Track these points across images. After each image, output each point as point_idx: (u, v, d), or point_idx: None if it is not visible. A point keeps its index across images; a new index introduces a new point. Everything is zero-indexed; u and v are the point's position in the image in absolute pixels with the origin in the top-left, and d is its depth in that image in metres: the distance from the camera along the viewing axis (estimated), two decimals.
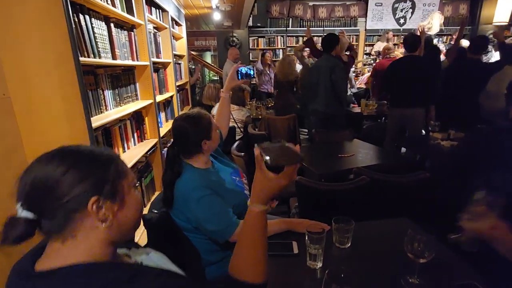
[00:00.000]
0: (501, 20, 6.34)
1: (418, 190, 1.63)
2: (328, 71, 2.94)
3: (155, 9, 2.68)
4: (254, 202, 0.68)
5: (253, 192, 0.68)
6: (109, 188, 0.57)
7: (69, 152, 0.58)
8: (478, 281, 0.93)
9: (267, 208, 0.69)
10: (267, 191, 0.67)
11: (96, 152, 0.60)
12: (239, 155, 2.09)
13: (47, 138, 1.29)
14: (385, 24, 6.92)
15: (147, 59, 2.23)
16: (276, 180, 0.65)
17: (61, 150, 0.58)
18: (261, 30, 6.77)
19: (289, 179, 0.65)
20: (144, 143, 2.20)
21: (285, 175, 0.65)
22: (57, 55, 1.23)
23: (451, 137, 2.40)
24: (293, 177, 0.66)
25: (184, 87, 3.84)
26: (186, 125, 1.27)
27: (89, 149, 0.61)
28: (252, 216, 0.69)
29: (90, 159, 0.58)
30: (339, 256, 1.13)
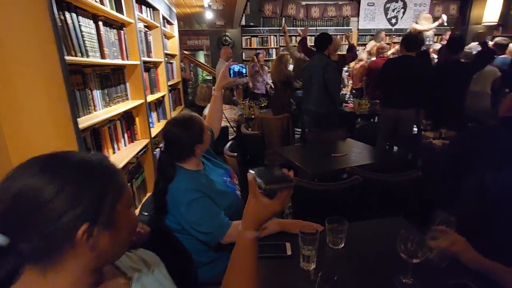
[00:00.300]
0: (490, 20, 6.44)
1: (411, 189, 1.64)
2: (321, 70, 2.94)
3: (146, 8, 2.64)
4: (246, 228, 0.67)
5: (246, 217, 0.67)
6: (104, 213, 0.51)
7: (63, 164, 0.50)
8: (472, 280, 0.93)
9: (259, 234, 0.68)
10: (260, 216, 0.66)
11: (93, 164, 0.53)
12: (231, 155, 2.07)
13: (32, 140, 1.25)
14: (377, 24, 6.96)
15: (137, 58, 2.19)
16: (270, 206, 0.64)
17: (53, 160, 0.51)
18: (254, 29, 6.75)
19: (282, 204, 0.65)
20: (135, 143, 2.16)
21: (279, 200, 0.64)
22: (42, 54, 1.19)
23: (442, 136, 2.42)
24: (286, 202, 0.65)
25: (176, 87, 3.80)
26: (178, 130, 1.25)
27: (86, 159, 0.53)
28: (244, 242, 0.67)
29: (86, 175, 0.51)
30: (333, 257, 1.12)
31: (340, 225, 1.12)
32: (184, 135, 1.23)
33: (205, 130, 1.30)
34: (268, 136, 3.13)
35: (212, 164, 1.46)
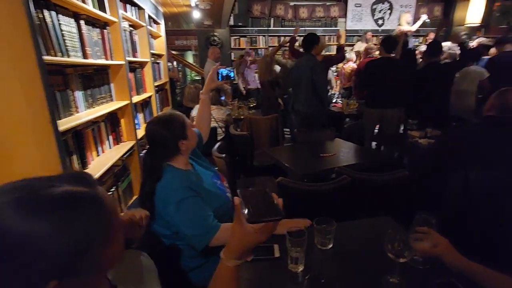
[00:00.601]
0: (473, 21, 6.61)
1: (398, 188, 1.65)
2: (309, 71, 2.96)
3: (131, 7, 2.58)
4: (228, 255, 0.64)
5: (229, 244, 0.64)
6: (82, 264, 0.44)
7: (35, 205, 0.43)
8: (457, 278, 0.94)
9: (241, 262, 0.65)
10: (243, 245, 0.63)
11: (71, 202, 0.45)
12: (220, 156, 2.05)
13: (8, 144, 1.19)
14: (364, 25, 7.05)
15: (122, 58, 2.14)
16: (254, 235, 0.60)
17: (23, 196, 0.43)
18: (243, 29, 6.73)
19: (268, 234, 0.61)
20: (120, 145, 2.11)
21: (264, 230, 0.60)
22: (17, 53, 1.14)
23: (428, 135, 2.47)
24: (272, 232, 0.62)
25: (164, 87, 3.74)
26: (159, 128, 1.22)
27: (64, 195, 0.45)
28: (224, 270, 0.65)
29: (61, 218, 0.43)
30: (321, 258, 1.12)
31: (328, 226, 1.11)
32: (166, 132, 1.21)
33: (188, 126, 1.27)
34: (257, 136, 3.12)
35: (200, 166, 1.43)
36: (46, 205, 0.43)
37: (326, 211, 1.20)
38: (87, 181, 0.51)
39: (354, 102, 4.02)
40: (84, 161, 1.64)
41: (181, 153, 1.25)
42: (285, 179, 1.59)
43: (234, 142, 2.76)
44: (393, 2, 7.01)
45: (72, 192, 0.46)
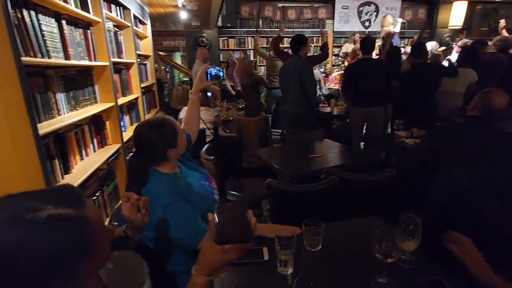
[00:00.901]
0: (456, 24, 6.82)
1: (386, 188, 1.67)
2: (297, 71, 2.97)
3: (115, 6, 2.53)
4: (198, 272, 0.64)
5: (200, 260, 0.64)
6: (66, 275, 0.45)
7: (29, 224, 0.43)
8: (442, 276, 0.95)
9: (211, 278, 0.65)
10: (213, 262, 0.63)
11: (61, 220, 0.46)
12: (208, 158, 2.02)
13: None
14: (351, 27, 7.15)
15: (106, 59, 2.09)
16: (223, 254, 0.60)
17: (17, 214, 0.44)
18: (231, 30, 6.71)
19: (237, 254, 0.61)
20: (105, 149, 2.05)
21: (233, 250, 0.60)
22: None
23: (414, 135, 2.51)
24: (242, 252, 0.62)
25: (151, 89, 3.68)
26: (149, 133, 1.19)
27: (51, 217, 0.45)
28: (195, 285, 0.64)
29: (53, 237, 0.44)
30: (310, 259, 1.11)
31: (317, 227, 1.11)
32: (156, 139, 1.18)
33: (179, 134, 1.24)
34: (246, 138, 3.11)
35: (188, 167, 1.41)
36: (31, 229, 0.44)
37: (315, 212, 1.20)
38: (73, 200, 0.50)
39: (342, 103, 4.06)
40: (67, 166, 1.59)
41: (168, 160, 1.23)
42: (274, 181, 1.58)
43: (223, 143, 2.74)
44: (379, 4, 7.14)
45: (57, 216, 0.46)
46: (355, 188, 1.67)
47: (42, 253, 0.44)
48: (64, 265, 0.46)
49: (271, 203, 1.75)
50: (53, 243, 0.45)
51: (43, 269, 0.44)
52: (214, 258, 0.61)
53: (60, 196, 0.50)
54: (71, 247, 0.46)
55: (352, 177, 1.67)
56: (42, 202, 0.46)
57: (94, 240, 0.50)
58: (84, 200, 0.51)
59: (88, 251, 0.48)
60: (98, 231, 0.51)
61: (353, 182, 1.66)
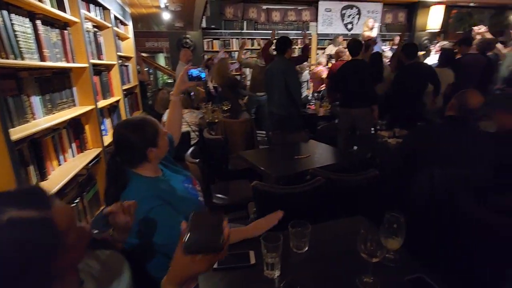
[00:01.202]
0: (434, 27, 7.08)
1: (370, 187, 1.69)
2: (282, 73, 2.98)
3: (95, 7, 2.45)
4: (168, 282, 0.62)
5: (170, 270, 0.62)
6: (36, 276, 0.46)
7: None
8: (426, 274, 0.97)
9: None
10: (182, 273, 0.60)
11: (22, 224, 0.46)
12: (193, 161, 1.99)
13: None
14: (334, 29, 7.27)
15: (85, 60, 2.02)
16: (193, 264, 0.58)
17: None
18: (216, 32, 6.68)
19: (208, 265, 0.59)
20: (85, 153, 1.98)
21: (202, 261, 0.58)
22: None
23: (396, 135, 2.57)
24: (212, 263, 0.60)
25: (133, 91, 3.59)
26: (128, 132, 1.15)
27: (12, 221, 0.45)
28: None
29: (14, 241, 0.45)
30: (297, 261, 1.11)
31: (303, 229, 1.11)
32: (135, 138, 1.14)
33: (160, 134, 1.21)
34: (232, 140, 3.08)
35: (171, 171, 1.37)
36: None
37: (301, 213, 1.20)
38: (38, 200, 0.50)
39: (327, 104, 4.11)
40: (43, 172, 1.52)
41: (148, 161, 1.19)
42: (259, 183, 1.57)
43: (208, 146, 2.71)
44: (361, 7, 7.30)
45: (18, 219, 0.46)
46: (340, 189, 1.69)
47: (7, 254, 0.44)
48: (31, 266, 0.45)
49: (257, 205, 1.73)
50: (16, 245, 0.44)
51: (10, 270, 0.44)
52: (183, 269, 0.59)
53: (26, 198, 0.49)
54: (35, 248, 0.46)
55: (337, 177, 1.68)
56: (5, 205, 0.46)
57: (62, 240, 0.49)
58: (51, 201, 0.51)
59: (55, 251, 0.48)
60: (66, 231, 0.50)
61: (338, 182, 1.67)
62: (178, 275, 0.60)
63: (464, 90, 1.72)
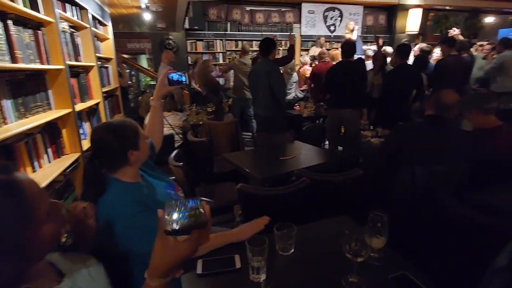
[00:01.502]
0: (412, 29, 7.32)
1: (354, 187, 1.71)
2: (266, 75, 2.98)
3: (71, 6, 2.36)
4: (151, 275, 0.58)
5: (152, 262, 0.59)
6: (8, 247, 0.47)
7: None
8: (409, 271, 0.99)
9: (167, 281, 0.59)
10: (166, 260, 0.57)
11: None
12: (177, 165, 1.95)
13: None
14: (317, 31, 7.38)
15: (61, 62, 1.94)
16: (177, 249, 0.56)
17: None
18: (199, 33, 6.61)
19: (193, 247, 0.57)
20: (62, 159, 1.90)
21: (188, 242, 0.56)
22: None
23: (379, 135, 2.62)
24: (198, 244, 0.57)
25: (114, 93, 3.48)
26: (107, 135, 1.10)
27: None
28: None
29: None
30: (283, 264, 1.10)
31: (289, 231, 1.10)
32: (115, 140, 1.09)
33: (141, 137, 1.17)
34: (217, 142, 3.05)
35: (152, 177, 1.33)
36: None
37: (287, 214, 1.19)
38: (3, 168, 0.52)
39: (311, 105, 4.15)
40: None
41: (129, 164, 1.15)
42: (245, 186, 1.55)
43: (192, 149, 2.67)
44: (342, 10, 7.45)
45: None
46: (325, 189, 1.70)
47: None
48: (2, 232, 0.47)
49: (242, 208, 1.72)
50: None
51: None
52: (168, 255, 0.56)
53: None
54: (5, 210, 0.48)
55: (321, 177, 1.69)
56: None
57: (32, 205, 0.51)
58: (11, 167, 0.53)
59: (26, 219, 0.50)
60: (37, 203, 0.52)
61: (323, 182, 1.68)
62: (162, 264, 0.57)
63: (442, 90, 1.78)
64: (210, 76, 3.88)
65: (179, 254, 0.56)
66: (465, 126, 3.30)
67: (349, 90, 3.08)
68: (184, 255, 0.56)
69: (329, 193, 1.71)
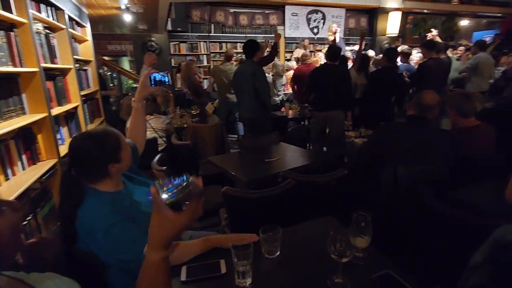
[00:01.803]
0: (392, 32, 7.53)
1: (339, 187, 1.72)
2: (251, 77, 2.98)
3: (46, 7, 2.27)
4: (152, 247, 0.60)
5: (151, 236, 0.60)
6: None
7: None
8: (393, 269, 1.00)
9: (168, 252, 0.61)
10: (166, 233, 0.59)
11: None
12: (160, 169, 1.90)
13: None
14: (301, 33, 7.46)
15: (35, 64, 1.85)
16: (178, 219, 0.58)
17: None
18: (182, 35, 6.53)
19: (192, 216, 0.59)
20: (37, 166, 1.82)
21: (188, 212, 0.58)
22: None
23: (362, 135, 2.66)
24: (197, 213, 0.60)
25: (94, 97, 3.37)
26: (88, 146, 1.06)
27: None
28: (150, 265, 0.60)
29: None
30: (269, 267, 1.09)
31: (274, 233, 1.09)
32: (95, 151, 1.05)
33: (123, 148, 1.13)
34: (202, 145, 3.01)
35: (135, 182, 1.29)
36: None
37: (274, 216, 1.18)
38: None
39: (296, 106, 4.18)
40: None
41: (109, 177, 1.10)
42: (230, 189, 1.53)
43: (176, 152, 2.62)
44: (325, 12, 7.57)
45: None
46: (310, 190, 1.70)
47: None
48: None
49: (228, 211, 1.70)
50: None
51: None
52: (167, 226, 0.59)
53: None
54: None
55: (306, 178, 1.69)
56: None
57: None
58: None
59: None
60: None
61: (308, 183, 1.68)
62: (161, 237, 0.60)
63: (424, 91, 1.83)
64: (193, 78, 3.84)
65: (180, 223, 0.59)
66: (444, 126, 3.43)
67: (332, 93, 3.13)
68: (184, 224, 0.59)
69: (315, 194, 1.71)
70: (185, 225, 0.60)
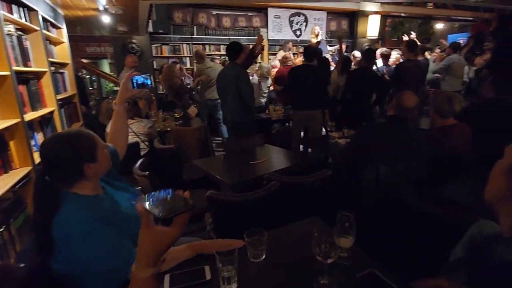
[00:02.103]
0: (372, 35, 7.73)
1: (323, 188, 1.74)
2: (234, 79, 2.96)
3: (18, 7, 2.17)
4: (143, 265, 0.60)
5: (140, 254, 0.60)
6: None
7: None
8: (377, 268, 1.01)
9: (157, 269, 0.61)
10: (158, 248, 0.60)
11: None
12: (142, 174, 1.85)
13: None
14: (284, 35, 7.53)
15: (6, 68, 1.76)
16: (168, 233, 0.59)
17: None
18: (164, 37, 6.43)
19: (181, 229, 0.61)
20: (9, 174, 1.72)
21: (177, 225, 0.60)
22: None
23: (345, 135, 2.70)
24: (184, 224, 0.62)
25: (71, 100, 3.25)
26: (59, 147, 1.00)
27: None
28: (139, 284, 0.60)
29: None
30: (254, 271, 1.08)
31: (259, 237, 1.08)
32: (68, 153, 1.00)
33: (99, 147, 1.08)
34: (186, 148, 2.97)
35: (115, 188, 1.24)
36: None
37: (259, 219, 1.17)
38: None
39: (280, 107, 4.20)
40: None
41: (86, 178, 1.05)
42: (214, 193, 1.51)
43: (160, 156, 2.56)
44: (307, 15, 7.68)
45: None
46: (295, 191, 1.70)
47: None
48: None
49: (213, 215, 1.67)
50: None
51: None
52: (158, 241, 0.60)
53: None
54: None
55: (291, 180, 1.70)
56: None
57: None
58: None
59: None
60: None
61: (292, 185, 1.68)
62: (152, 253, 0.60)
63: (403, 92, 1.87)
64: (173, 80, 3.78)
65: (171, 237, 0.60)
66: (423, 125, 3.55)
67: (309, 93, 3.18)
68: (175, 237, 0.61)
69: (300, 195, 1.72)
70: (176, 237, 0.60)
